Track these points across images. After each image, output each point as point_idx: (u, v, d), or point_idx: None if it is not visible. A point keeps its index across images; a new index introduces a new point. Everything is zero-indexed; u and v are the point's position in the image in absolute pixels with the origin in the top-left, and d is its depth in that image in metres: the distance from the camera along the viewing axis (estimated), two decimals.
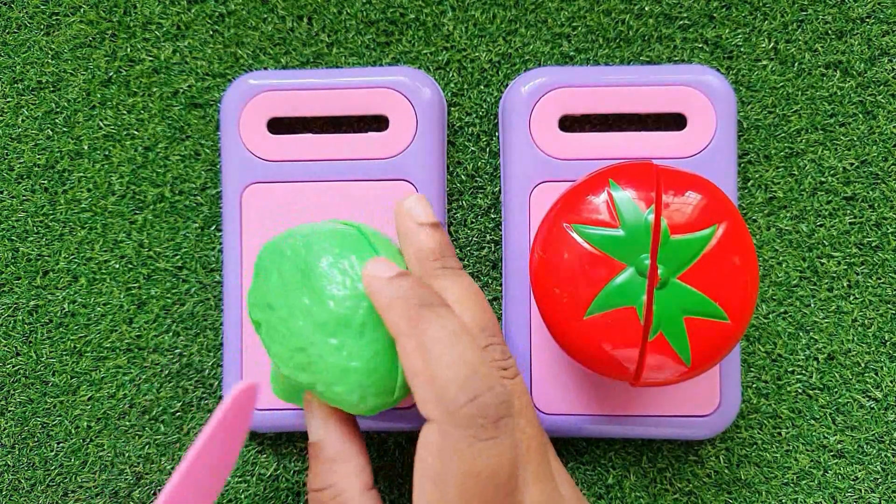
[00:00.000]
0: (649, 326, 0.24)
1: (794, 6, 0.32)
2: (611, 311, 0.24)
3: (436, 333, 0.22)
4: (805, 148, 0.32)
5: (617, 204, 0.25)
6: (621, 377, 0.26)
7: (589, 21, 0.33)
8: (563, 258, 0.25)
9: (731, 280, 0.24)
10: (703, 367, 0.25)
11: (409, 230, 0.25)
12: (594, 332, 0.25)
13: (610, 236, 0.25)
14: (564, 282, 0.25)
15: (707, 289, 0.24)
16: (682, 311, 0.24)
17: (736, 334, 0.25)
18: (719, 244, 0.24)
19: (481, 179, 0.33)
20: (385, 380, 0.24)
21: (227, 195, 0.32)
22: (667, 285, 0.24)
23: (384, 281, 0.23)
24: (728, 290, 0.24)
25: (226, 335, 0.32)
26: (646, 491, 0.32)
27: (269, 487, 0.32)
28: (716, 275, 0.24)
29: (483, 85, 0.33)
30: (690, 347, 0.24)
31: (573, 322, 0.25)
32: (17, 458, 0.33)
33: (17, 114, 0.34)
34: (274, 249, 0.26)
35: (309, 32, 0.33)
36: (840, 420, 0.32)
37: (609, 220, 0.25)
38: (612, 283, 0.24)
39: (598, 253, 0.24)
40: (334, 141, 0.31)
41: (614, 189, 0.25)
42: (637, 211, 0.25)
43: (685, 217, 0.24)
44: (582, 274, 0.25)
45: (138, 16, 0.33)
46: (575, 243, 0.25)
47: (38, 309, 0.33)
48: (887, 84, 0.32)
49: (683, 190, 0.25)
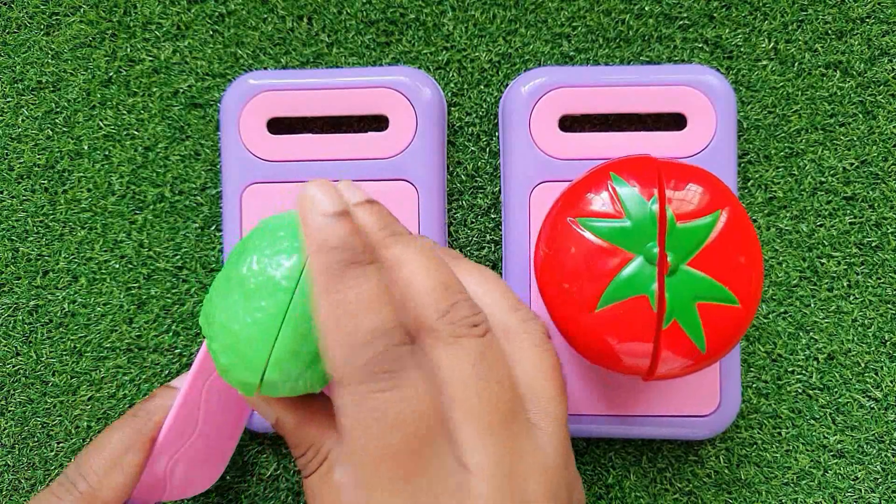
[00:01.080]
0: (662, 314, 0.24)
1: (794, 6, 0.32)
2: (622, 301, 0.24)
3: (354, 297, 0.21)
4: (805, 148, 0.32)
5: (621, 196, 0.25)
6: (634, 370, 0.26)
7: (589, 21, 0.33)
8: (571, 253, 0.25)
9: (739, 264, 0.24)
10: (717, 353, 0.25)
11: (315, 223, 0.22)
12: (606, 325, 0.25)
13: (617, 228, 0.25)
14: (573, 276, 0.25)
15: (716, 273, 0.24)
16: (694, 297, 0.24)
17: (747, 318, 0.25)
18: (724, 229, 0.24)
19: (481, 179, 0.33)
20: (257, 355, 0.23)
21: (227, 195, 0.32)
22: (676, 272, 0.24)
23: (324, 218, 0.22)
24: (736, 274, 0.24)
25: None
26: (646, 491, 0.32)
27: (269, 487, 0.32)
28: (723, 259, 0.24)
29: (483, 85, 0.33)
30: (704, 333, 0.24)
31: (584, 316, 0.25)
32: (17, 458, 0.33)
33: (17, 114, 0.34)
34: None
35: (309, 32, 0.33)
36: (840, 420, 0.32)
37: (614, 212, 0.25)
38: (622, 273, 0.24)
39: (606, 245, 0.25)
40: (334, 141, 0.31)
41: (617, 182, 0.25)
42: (641, 201, 0.25)
43: (688, 205, 0.25)
44: (591, 267, 0.25)
45: (138, 16, 0.33)
46: (582, 237, 0.25)
47: (38, 309, 0.33)
48: (887, 84, 0.32)
49: (684, 180, 0.25)
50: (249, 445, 0.33)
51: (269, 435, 0.33)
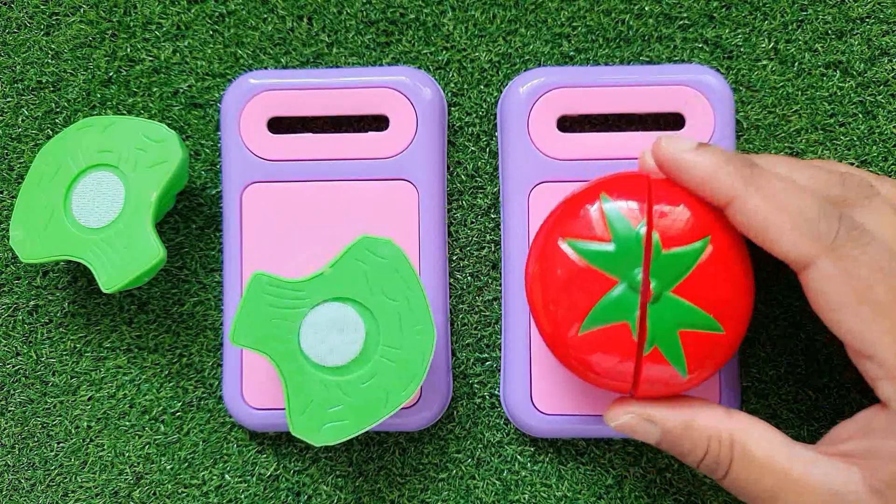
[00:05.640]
0: (643, 342, 0.24)
1: (794, 6, 0.32)
2: (604, 326, 0.24)
3: (777, 184, 0.23)
4: (805, 148, 0.32)
5: (608, 217, 0.25)
6: (618, 390, 0.26)
7: (589, 21, 0.33)
8: (556, 273, 0.25)
9: (725, 291, 0.24)
10: (700, 379, 0.25)
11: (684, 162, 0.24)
12: (589, 348, 0.25)
13: (601, 251, 0.24)
14: (558, 297, 0.25)
15: (701, 301, 0.24)
16: (676, 325, 0.24)
17: (732, 344, 0.25)
18: (711, 256, 0.24)
19: (481, 179, 0.33)
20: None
21: (227, 195, 0.32)
22: (660, 299, 0.24)
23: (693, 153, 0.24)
24: (722, 301, 0.24)
25: (226, 335, 0.32)
26: (646, 491, 0.32)
27: (269, 487, 0.32)
28: (709, 286, 0.24)
29: (483, 85, 0.33)
30: (686, 360, 0.24)
31: (568, 337, 0.25)
32: (17, 458, 0.33)
33: (17, 114, 0.34)
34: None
35: (309, 32, 0.33)
36: (840, 421, 0.32)
37: (600, 235, 0.24)
38: (606, 298, 0.24)
39: (589, 268, 0.24)
40: (334, 141, 0.31)
41: (605, 202, 0.25)
42: (628, 225, 0.24)
43: (676, 229, 0.24)
44: (575, 289, 0.24)
45: (138, 16, 0.33)
46: (567, 258, 0.25)
47: (38, 309, 0.33)
48: (887, 84, 0.32)
49: (674, 202, 0.24)
50: (249, 445, 0.33)
51: (269, 435, 0.33)
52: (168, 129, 0.30)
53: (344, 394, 0.28)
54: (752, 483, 0.24)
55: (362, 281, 0.28)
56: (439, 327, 0.31)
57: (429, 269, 0.31)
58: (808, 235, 0.23)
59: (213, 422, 0.33)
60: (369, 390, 0.28)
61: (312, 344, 0.28)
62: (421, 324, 0.28)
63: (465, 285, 0.32)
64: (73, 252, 0.29)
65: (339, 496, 0.32)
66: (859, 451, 0.24)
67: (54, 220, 0.30)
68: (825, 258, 0.23)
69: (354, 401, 0.28)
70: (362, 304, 0.28)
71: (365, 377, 0.28)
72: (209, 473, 0.32)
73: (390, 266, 0.28)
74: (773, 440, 0.24)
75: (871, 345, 0.23)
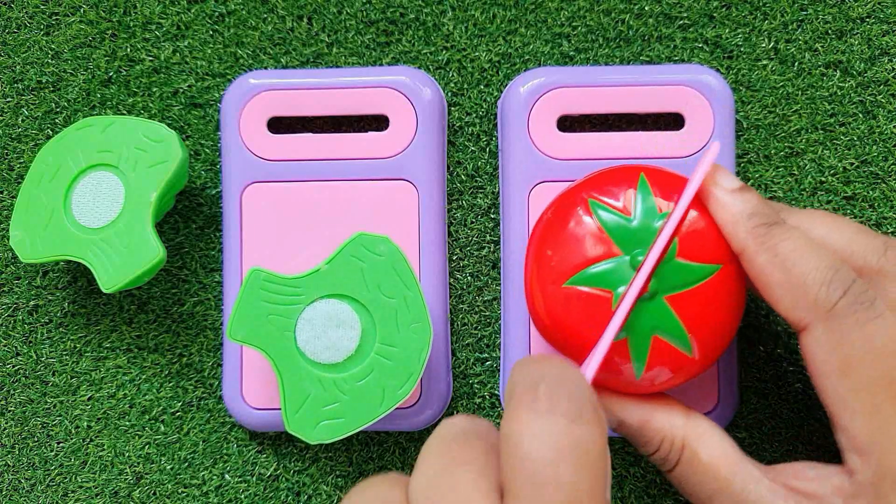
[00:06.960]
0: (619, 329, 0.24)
1: (794, 6, 0.32)
2: (590, 289, 0.24)
3: (790, 245, 0.23)
4: (805, 148, 0.32)
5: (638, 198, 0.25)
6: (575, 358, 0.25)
7: (589, 21, 0.33)
8: (569, 224, 0.25)
9: (712, 320, 0.24)
10: (650, 387, 0.25)
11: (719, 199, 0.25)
12: (566, 302, 0.25)
13: (619, 224, 0.25)
14: (559, 245, 0.25)
15: (687, 319, 0.24)
16: (653, 328, 0.24)
17: (695, 370, 0.25)
18: (717, 283, 0.24)
19: (481, 179, 0.33)
20: None
21: (227, 195, 0.32)
22: (652, 300, 0.24)
23: (729, 192, 0.24)
24: (705, 328, 0.24)
25: (226, 335, 0.32)
26: (646, 491, 0.32)
27: (269, 487, 0.32)
28: (701, 309, 0.24)
29: (483, 85, 0.33)
30: (646, 364, 0.25)
31: (551, 286, 0.25)
32: (17, 458, 0.33)
33: (17, 114, 0.34)
34: None
35: (309, 32, 0.33)
36: None
37: (624, 208, 0.25)
38: (602, 263, 0.25)
39: (601, 232, 0.25)
40: (334, 141, 0.31)
41: (642, 185, 0.25)
42: (653, 214, 0.25)
43: (697, 244, 0.24)
44: (578, 244, 0.25)
45: (138, 16, 0.33)
46: (583, 215, 0.25)
47: (38, 309, 0.33)
48: (887, 84, 0.32)
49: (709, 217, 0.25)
50: (249, 445, 0.33)
51: (269, 435, 0.33)
52: (168, 129, 0.30)
53: (340, 391, 0.28)
54: (694, 485, 0.25)
55: (359, 277, 0.28)
56: (439, 327, 0.31)
57: (429, 269, 0.31)
58: (805, 300, 0.23)
59: (213, 422, 0.33)
60: (365, 388, 0.28)
61: (308, 340, 0.28)
62: (417, 321, 0.28)
63: (465, 285, 0.32)
64: (73, 252, 0.29)
65: (339, 496, 0.32)
66: (809, 493, 0.24)
67: (54, 220, 0.30)
68: (820, 324, 0.23)
69: (350, 398, 0.28)
70: (358, 300, 0.28)
71: (361, 374, 0.28)
72: (209, 473, 0.32)
73: (387, 263, 0.28)
74: (726, 451, 0.25)
75: (847, 419, 0.23)
